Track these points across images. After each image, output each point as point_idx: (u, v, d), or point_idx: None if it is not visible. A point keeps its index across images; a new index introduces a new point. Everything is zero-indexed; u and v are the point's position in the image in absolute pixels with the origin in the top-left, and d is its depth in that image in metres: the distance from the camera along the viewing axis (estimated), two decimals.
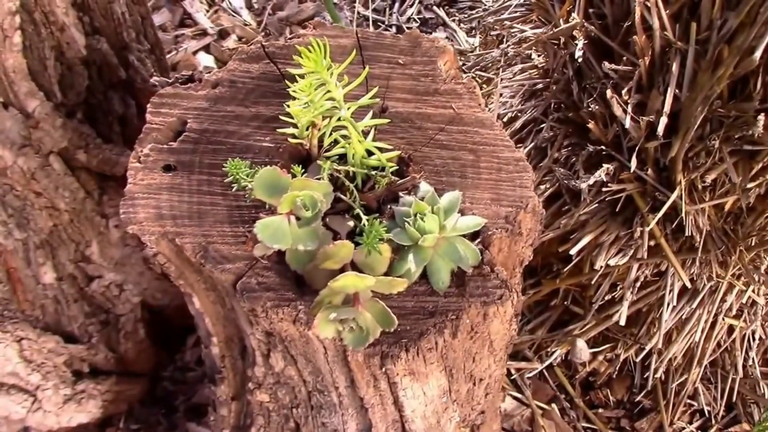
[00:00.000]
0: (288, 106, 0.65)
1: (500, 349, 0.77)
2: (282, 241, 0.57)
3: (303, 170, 0.62)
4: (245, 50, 0.73)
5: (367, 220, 0.60)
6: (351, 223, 0.63)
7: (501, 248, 0.67)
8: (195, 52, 1.90)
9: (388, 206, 0.64)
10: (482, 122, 0.69)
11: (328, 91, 0.62)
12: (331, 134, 0.67)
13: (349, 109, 0.63)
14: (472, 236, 0.64)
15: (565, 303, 1.46)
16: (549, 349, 1.48)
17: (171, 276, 0.67)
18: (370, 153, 0.66)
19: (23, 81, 0.94)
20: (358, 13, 2.03)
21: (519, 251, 0.71)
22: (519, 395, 1.49)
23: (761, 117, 1.02)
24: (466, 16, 1.98)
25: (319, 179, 0.62)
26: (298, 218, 0.59)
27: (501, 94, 1.48)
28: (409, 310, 0.61)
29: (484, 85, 1.59)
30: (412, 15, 2.06)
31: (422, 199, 0.63)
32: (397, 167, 0.68)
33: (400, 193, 0.65)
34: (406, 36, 0.74)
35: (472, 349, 0.71)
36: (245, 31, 1.98)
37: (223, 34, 1.97)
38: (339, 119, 0.64)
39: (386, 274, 0.61)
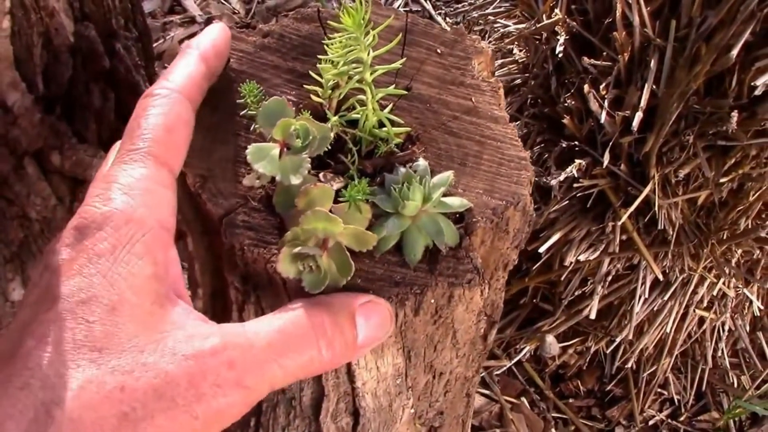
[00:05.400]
0: (319, 59, 0.66)
1: (464, 344, 0.77)
2: (268, 166, 0.58)
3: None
4: (302, 11, 0.74)
5: (359, 179, 0.61)
6: (342, 182, 0.63)
7: (484, 240, 0.67)
8: (181, 41, 1.90)
9: (383, 174, 0.65)
10: (496, 119, 0.70)
11: (358, 52, 0.62)
12: (349, 99, 0.67)
13: (372, 73, 0.64)
14: (457, 221, 0.64)
15: (534, 300, 1.48)
16: (518, 347, 1.50)
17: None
18: (381, 125, 0.67)
19: (7, 70, 0.91)
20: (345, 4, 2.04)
21: (503, 250, 0.71)
22: (487, 392, 1.50)
23: (735, 113, 1.04)
24: (451, 9, 2.00)
25: None
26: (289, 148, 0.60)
27: None
28: (377, 276, 0.61)
29: None
30: (399, 6, 2.07)
31: (415, 171, 0.64)
32: (403, 143, 0.69)
33: (397, 164, 0.65)
34: (453, 30, 0.75)
35: (435, 336, 0.72)
36: (233, 19, 1.99)
37: (210, 22, 1.97)
38: (360, 81, 0.64)
39: None
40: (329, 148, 0.63)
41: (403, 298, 0.62)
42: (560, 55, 1.22)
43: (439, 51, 0.74)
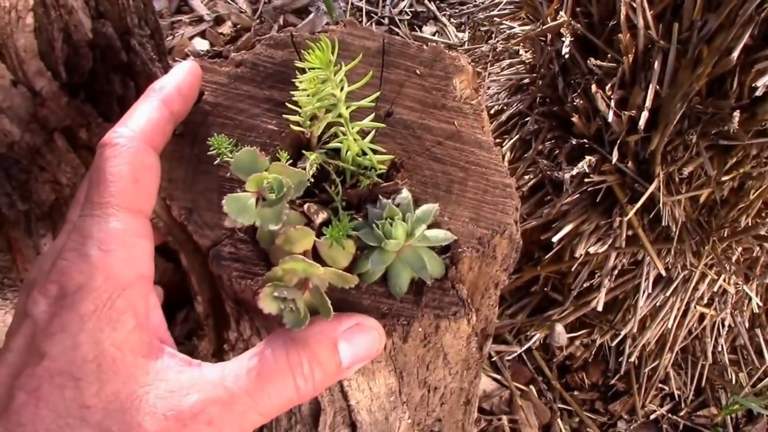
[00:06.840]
0: (293, 95, 0.65)
1: (456, 363, 0.76)
2: (245, 216, 0.57)
3: (290, 158, 0.61)
4: (274, 37, 0.71)
5: (342, 214, 0.61)
6: (325, 215, 0.63)
7: (471, 267, 0.66)
8: (191, 38, 1.93)
9: (367, 206, 0.64)
10: (480, 144, 0.69)
11: (330, 89, 0.61)
12: (332, 127, 0.66)
13: (348, 108, 0.63)
14: (443, 250, 0.64)
15: (545, 289, 1.50)
16: (528, 333, 1.51)
17: (161, 231, 0.68)
18: (366, 152, 0.66)
19: (33, 60, 0.95)
20: (352, 3, 2.07)
21: (492, 274, 0.70)
22: (498, 377, 1.53)
23: (736, 114, 1.06)
24: (456, 11, 2.02)
25: (302, 167, 0.62)
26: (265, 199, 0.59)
27: (488, 88, 1.52)
28: (364, 307, 0.62)
29: None
30: (404, 8, 2.09)
31: (398, 204, 0.63)
32: (387, 171, 0.68)
33: (380, 196, 0.65)
34: (430, 49, 0.73)
35: (426, 357, 0.71)
36: (240, 18, 2.01)
37: (218, 21, 2.00)
38: (338, 115, 0.64)
39: (349, 269, 0.61)
40: (311, 181, 0.62)
41: (390, 329, 0.62)
42: (566, 56, 1.24)
43: (418, 72, 0.72)
